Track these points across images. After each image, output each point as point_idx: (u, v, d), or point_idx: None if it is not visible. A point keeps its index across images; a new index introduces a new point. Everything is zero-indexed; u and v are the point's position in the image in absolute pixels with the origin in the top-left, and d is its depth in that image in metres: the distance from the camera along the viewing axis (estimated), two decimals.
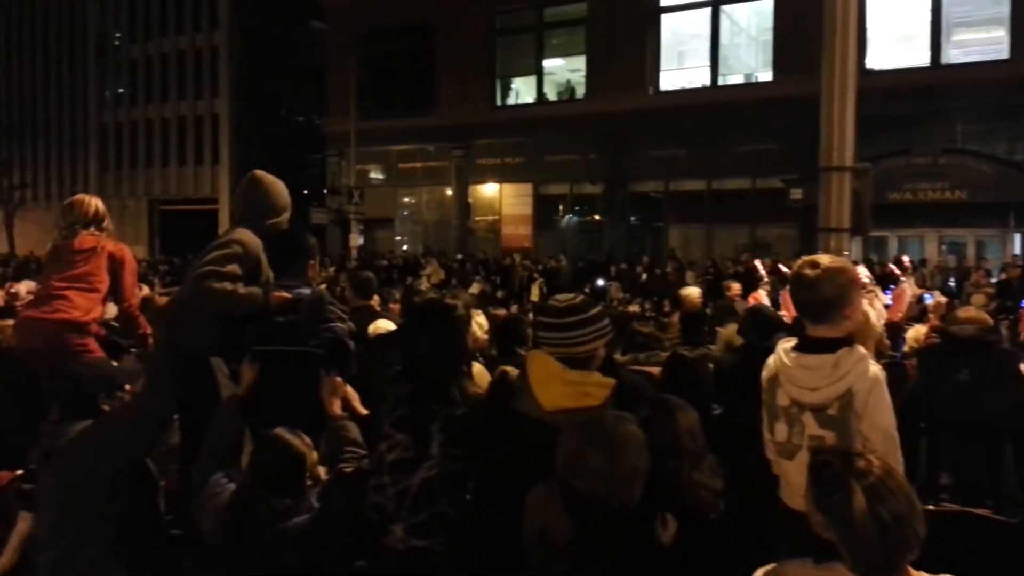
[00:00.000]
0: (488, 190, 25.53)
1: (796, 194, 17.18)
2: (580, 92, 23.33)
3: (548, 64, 24.25)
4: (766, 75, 20.53)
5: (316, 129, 30.99)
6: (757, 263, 9.93)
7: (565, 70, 24.26)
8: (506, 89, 25.19)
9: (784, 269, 7.93)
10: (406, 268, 22.50)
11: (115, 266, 4.16)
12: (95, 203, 4.33)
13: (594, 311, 2.51)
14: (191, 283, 3.07)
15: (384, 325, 4.67)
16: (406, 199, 27.84)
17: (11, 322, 4.32)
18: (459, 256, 22.63)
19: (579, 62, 23.21)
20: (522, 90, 24.98)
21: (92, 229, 4.19)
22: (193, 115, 36.90)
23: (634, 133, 21.20)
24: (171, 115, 37.57)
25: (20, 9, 42.78)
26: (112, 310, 4.42)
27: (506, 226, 25.09)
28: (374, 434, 2.76)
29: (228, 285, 3.04)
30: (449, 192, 25.74)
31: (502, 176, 24.87)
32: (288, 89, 37.84)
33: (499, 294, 18.47)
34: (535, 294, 18.67)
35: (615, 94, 21.09)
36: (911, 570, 1.76)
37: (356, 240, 23.80)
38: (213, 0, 35.75)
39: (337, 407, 2.87)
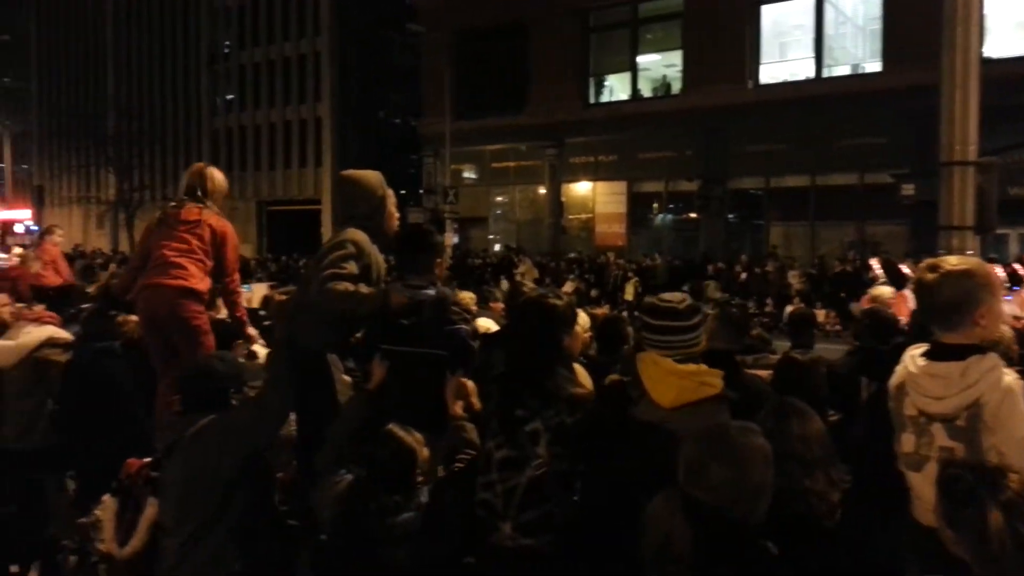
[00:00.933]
0: (581, 188, 25.45)
1: (907, 189, 16.36)
2: (676, 87, 22.96)
3: (643, 60, 23.98)
4: (874, 66, 19.66)
5: (412, 130, 31.65)
6: (873, 262, 9.48)
7: (660, 65, 23.92)
8: (599, 86, 25.05)
9: (905, 269, 7.49)
10: (499, 267, 22.72)
11: (216, 241, 4.18)
12: (206, 175, 4.33)
13: (700, 309, 2.64)
14: (316, 286, 3.17)
15: (485, 323, 4.70)
16: (499, 198, 28.08)
17: (135, 317, 4.52)
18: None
19: (675, 57, 22.82)
20: (616, 87, 24.78)
21: (196, 203, 4.22)
22: (297, 119, 38.37)
23: (733, 128, 20.70)
24: (277, 119, 39.19)
25: (140, 25, 45.60)
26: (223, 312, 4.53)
27: (599, 224, 24.95)
28: (483, 431, 2.80)
29: (350, 286, 3.11)
30: (542, 191, 25.81)
31: (595, 174, 24.74)
32: (385, 92, 38.85)
33: (593, 293, 18.42)
34: (629, 293, 18.50)
35: (713, 88, 20.63)
36: None
37: (451, 239, 24.19)
38: (316, 8, 37.05)
39: (459, 408, 2.91)
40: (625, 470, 2.43)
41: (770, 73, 21.23)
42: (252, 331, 4.39)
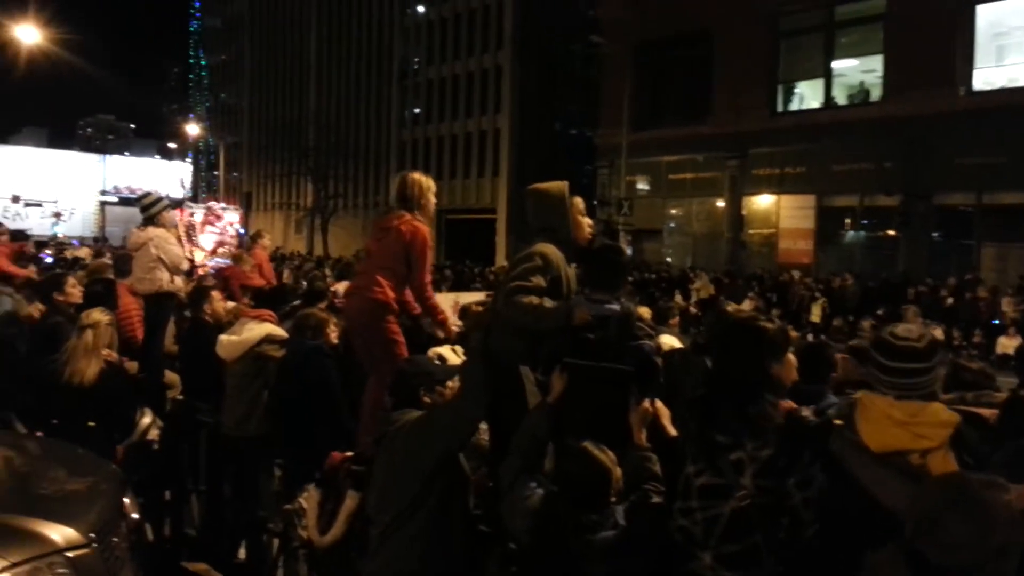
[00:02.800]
0: (764, 201, 24.42)
1: None
2: (875, 94, 21.44)
3: (838, 65, 22.63)
4: None
5: (588, 141, 31.80)
6: None
7: (858, 71, 22.45)
8: (788, 94, 23.94)
9: None
10: (673, 281, 22.24)
11: (404, 243, 4.18)
12: (405, 180, 4.36)
13: (940, 346, 2.50)
14: (503, 297, 3.23)
15: (668, 341, 4.57)
16: (674, 210, 27.56)
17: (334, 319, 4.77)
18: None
19: (875, 62, 21.33)
20: (807, 94, 23.55)
21: (396, 211, 4.27)
22: (477, 130, 39.73)
23: (940, 138, 18.99)
24: (459, 131, 40.81)
25: (339, 45, 49.26)
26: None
27: (783, 240, 23.80)
28: (681, 456, 2.71)
29: (535, 299, 3.15)
30: (721, 204, 25.05)
31: (780, 187, 23.63)
32: (563, 103, 39.36)
33: (774, 313, 17.54)
34: (816, 314, 17.48)
35: (918, 95, 19.06)
36: None
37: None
38: (500, 23, 38.23)
39: (643, 437, 2.84)
40: (832, 509, 2.28)
41: (985, 78, 19.29)
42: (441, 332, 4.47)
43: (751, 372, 2.55)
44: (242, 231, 26.29)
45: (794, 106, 23.71)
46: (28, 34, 23.73)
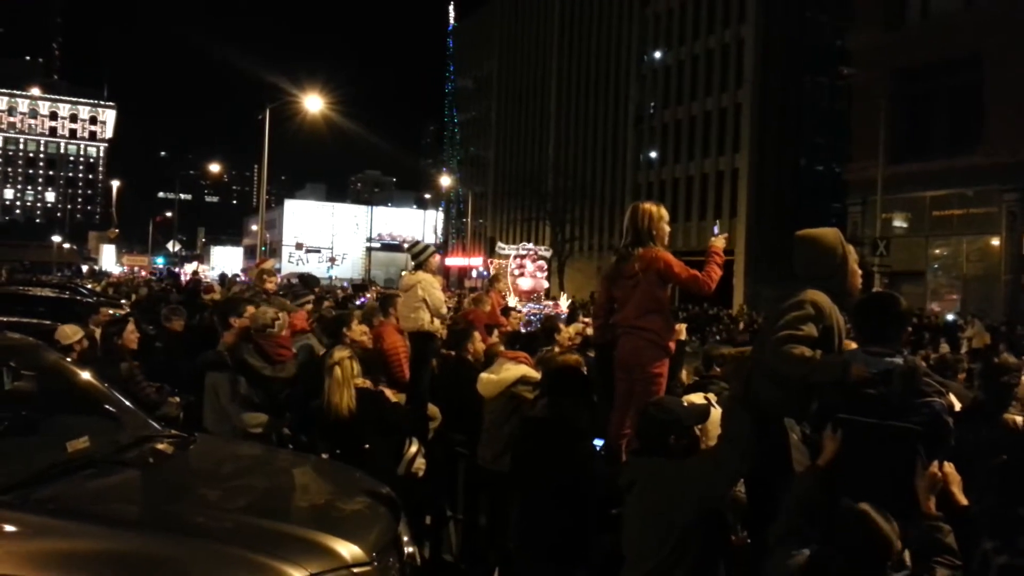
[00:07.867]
0: None
1: None
2: None
3: None
4: None
5: (836, 176, 29.95)
6: None
7: None
8: None
9: None
10: (938, 330, 20.11)
11: (660, 275, 4.19)
12: (636, 211, 4.33)
13: None
14: (770, 346, 3.12)
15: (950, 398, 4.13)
16: (939, 250, 25.04)
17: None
18: None
19: None
20: None
21: (633, 249, 4.25)
22: (714, 171, 38.95)
23: None
24: (695, 172, 40.30)
25: (576, 95, 51.06)
26: None
27: None
28: (973, 528, 2.45)
29: (806, 351, 3.01)
30: (995, 242, 22.46)
31: None
32: (809, 138, 37.50)
33: None
34: None
35: None
36: None
37: None
38: (739, 61, 37.41)
39: (932, 504, 2.60)
40: None
41: None
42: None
43: None
44: (484, 273, 27.89)
45: None
46: (313, 103, 27.34)
